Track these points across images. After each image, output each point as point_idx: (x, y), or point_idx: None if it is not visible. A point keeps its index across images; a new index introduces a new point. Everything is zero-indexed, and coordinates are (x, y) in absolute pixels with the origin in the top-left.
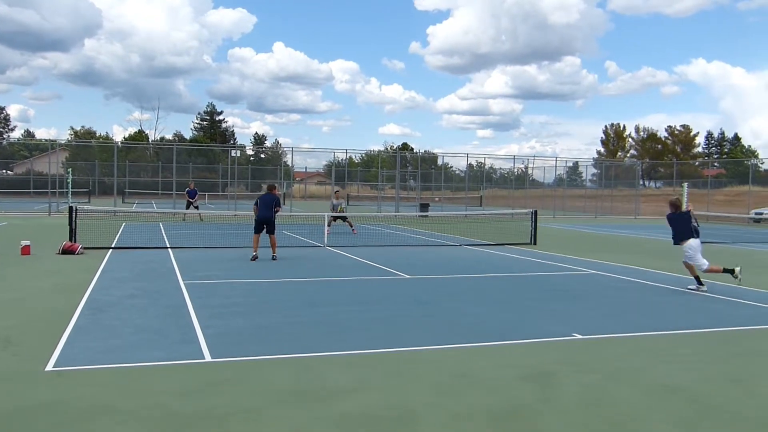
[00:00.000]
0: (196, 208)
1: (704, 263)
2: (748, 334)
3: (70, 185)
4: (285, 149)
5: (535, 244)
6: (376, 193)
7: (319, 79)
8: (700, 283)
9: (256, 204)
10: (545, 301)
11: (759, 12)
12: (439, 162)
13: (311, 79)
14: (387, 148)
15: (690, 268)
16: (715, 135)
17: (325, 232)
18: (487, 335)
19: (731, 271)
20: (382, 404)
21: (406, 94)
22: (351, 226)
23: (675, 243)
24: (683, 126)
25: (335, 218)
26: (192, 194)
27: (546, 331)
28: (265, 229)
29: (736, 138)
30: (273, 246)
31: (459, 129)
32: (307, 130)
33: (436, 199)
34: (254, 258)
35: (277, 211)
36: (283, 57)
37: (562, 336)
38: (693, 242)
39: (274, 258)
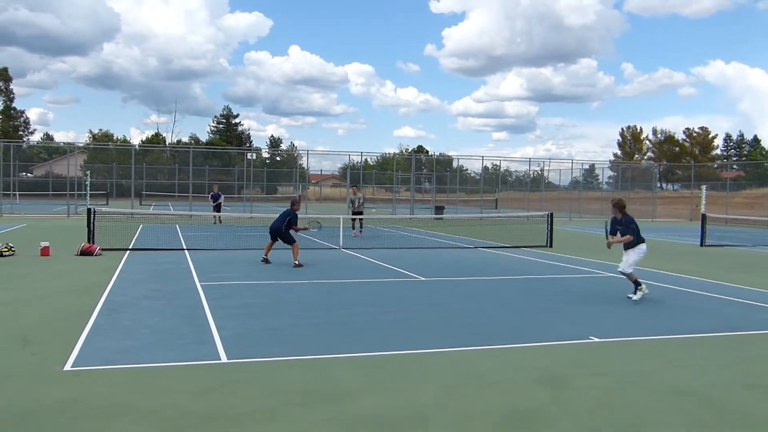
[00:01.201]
0: (218, 210)
1: (632, 268)
2: (764, 338)
3: (88, 187)
4: (300, 152)
5: (551, 246)
6: (391, 196)
7: (335, 82)
8: (638, 285)
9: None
10: (561, 304)
11: None
12: (455, 164)
13: (326, 82)
14: (402, 151)
15: (629, 275)
16: (734, 137)
17: (352, 234)
18: (501, 338)
19: (638, 285)
20: (393, 405)
21: (421, 96)
22: (360, 227)
23: (630, 247)
24: (701, 128)
25: (354, 215)
26: (216, 197)
27: (561, 334)
28: (279, 240)
29: (756, 140)
30: (293, 254)
31: (474, 131)
32: (322, 132)
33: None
34: (264, 261)
35: (294, 229)
36: (299, 60)
37: (577, 339)
38: (645, 247)
39: (294, 265)
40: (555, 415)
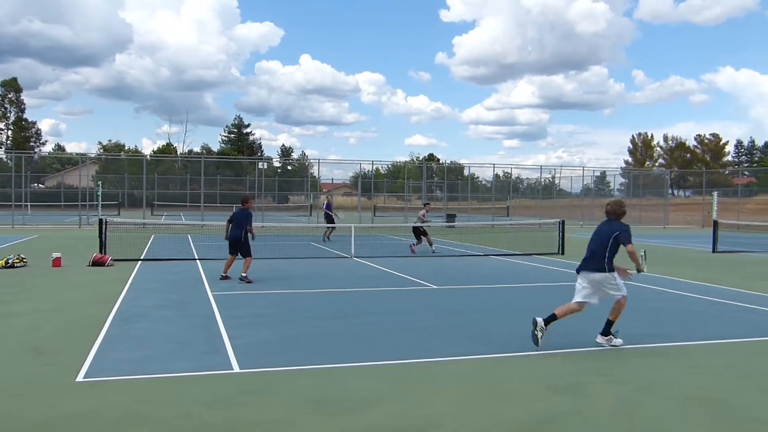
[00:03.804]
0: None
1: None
2: None
3: (100, 198)
4: (312, 161)
5: (563, 254)
6: (402, 204)
7: (346, 91)
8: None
9: (229, 221)
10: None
11: None
12: (466, 172)
13: (338, 91)
14: (413, 159)
15: None
16: (745, 143)
17: (432, 249)
18: (515, 346)
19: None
20: (409, 415)
21: (432, 105)
22: (431, 245)
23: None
24: (713, 134)
25: (419, 235)
26: (329, 206)
27: (575, 341)
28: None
29: (767, 146)
30: (245, 266)
31: (485, 139)
32: (333, 141)
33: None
34: (223, 278)
35: (249, 231)
36: (310, 69)
37: (592, 347)
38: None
39: (241, 278)
40: (573, 424)
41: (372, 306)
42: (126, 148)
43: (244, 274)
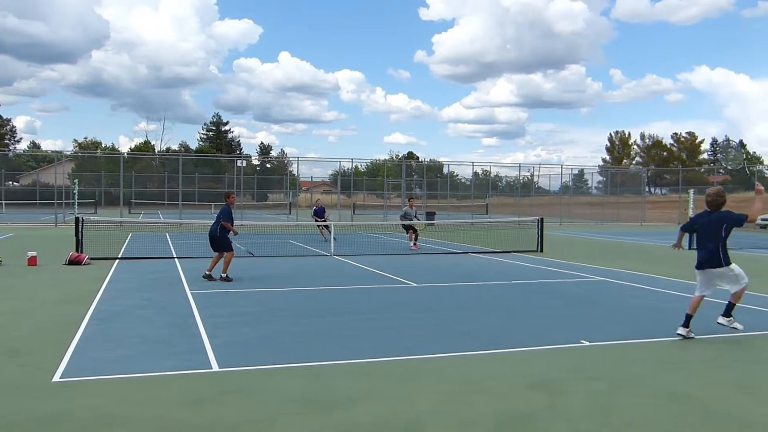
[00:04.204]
0: (326, 227)
1: None
2: (757, 340)
3: (76, 196)
4: (291, 159)
5: (541, 251)
6: (382, 202)
7: (325, 89)
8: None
9: None
10: (552, 309)
11: (763, 19)
12: (445, 170)
13: (317, 89)
14: (393, 157)
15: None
16: (720, 142)
17: (412, 246)
18: (494, 343)
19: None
20: (389, 413)
21: (412, 103)
22: (415, 241)
23: None
24: (689, 133)
25: (407, 229)
26: (320, 212)
27: (553, 338)
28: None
29: (741, 145)
30: (224, 263)
31: (465, 137)
32: (313, 139)
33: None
34: (206, 276)
35: (226, 227)
36: (289, 67)
37: (569, 343)
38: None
39: (221, 278)
40: (550, 420)
41: (353, 304)
42: (103, 145)
43: (224, 275)
